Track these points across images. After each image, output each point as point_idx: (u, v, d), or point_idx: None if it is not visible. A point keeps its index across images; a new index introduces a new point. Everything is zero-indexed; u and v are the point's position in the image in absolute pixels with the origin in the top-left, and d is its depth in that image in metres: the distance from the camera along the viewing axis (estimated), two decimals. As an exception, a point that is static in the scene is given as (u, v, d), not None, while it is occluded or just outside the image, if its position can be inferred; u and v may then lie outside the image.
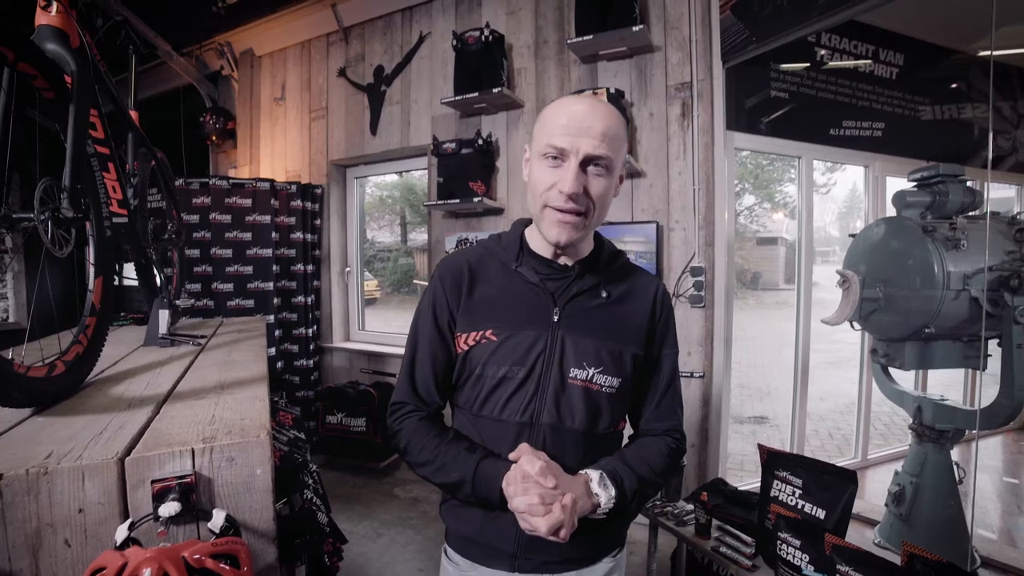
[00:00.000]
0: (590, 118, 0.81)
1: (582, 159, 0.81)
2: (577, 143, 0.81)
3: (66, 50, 0.96)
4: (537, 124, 0.88)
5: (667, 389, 0.97)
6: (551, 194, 0.83)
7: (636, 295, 0.94)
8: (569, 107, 0.83)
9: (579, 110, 0.82)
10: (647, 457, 0.91)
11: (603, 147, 0.81)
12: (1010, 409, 1.91)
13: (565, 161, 0.82)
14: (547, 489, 0.79)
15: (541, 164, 0.85)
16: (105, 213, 1.13)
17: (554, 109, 0.86)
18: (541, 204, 0.85)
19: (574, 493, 0.80)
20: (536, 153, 0.86)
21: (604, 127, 0.81)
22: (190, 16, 3.78)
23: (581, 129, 0.81)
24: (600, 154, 0.81)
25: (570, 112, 0.82)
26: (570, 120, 0.82)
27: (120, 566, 0.55)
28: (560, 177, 0.82)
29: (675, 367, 0.98)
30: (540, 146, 0.85)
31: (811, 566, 1.34)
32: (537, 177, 0.86)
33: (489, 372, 0.89)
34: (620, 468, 0.86)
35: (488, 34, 2.91)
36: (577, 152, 0.81)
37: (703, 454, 2.62)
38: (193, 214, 3.36)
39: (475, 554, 0.94)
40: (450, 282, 0.94)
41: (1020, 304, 1.84)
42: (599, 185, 0.83)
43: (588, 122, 0.81)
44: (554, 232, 0.85)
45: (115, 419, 0.79)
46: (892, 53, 3.21)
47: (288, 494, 1.20)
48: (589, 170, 0.83)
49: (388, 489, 3.20)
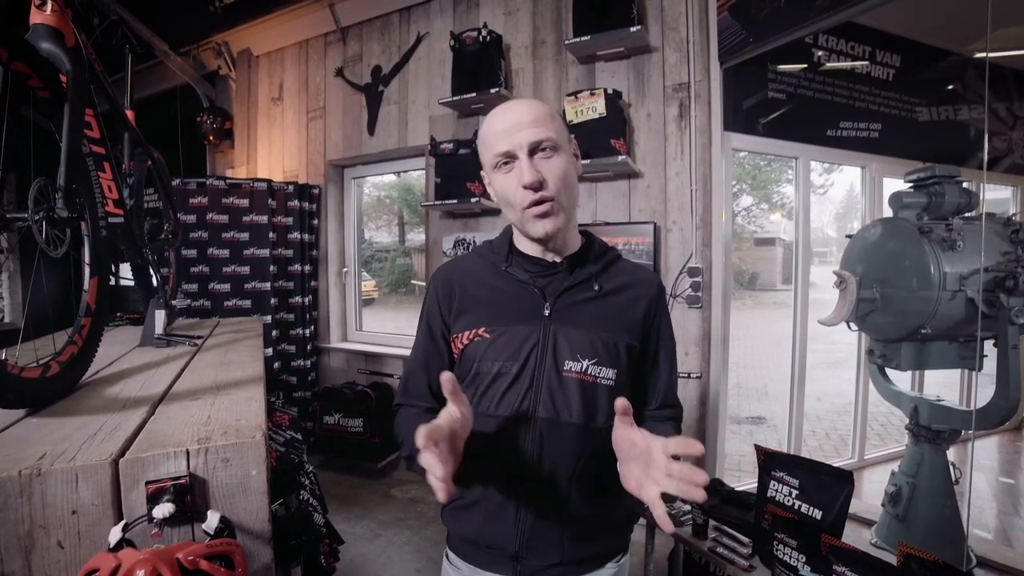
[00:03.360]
0: (517, 114, 0.87)
1: (528, 149, 0.85)
2: (516, 139, 0.86)
3: (61, 49, 0.96)
4: (480, 147, 0.94)
5: (668, 377, 0.99)
6: (519, 195, 0.87)
7: (629, 287, 0.95)
8: (497, 116, 0.89)
9: (506, 114, 0.88)
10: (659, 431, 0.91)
11: (540, 131, 0.86)
12: (1006, 409, 1.92)
13: (515, 160, 0.87)
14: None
15: (498, 175, 0.89)
16: (101, 213, 1.13)
17: (487, 125, 0.91)
18: (518, 208, 0.88)
19: None
20: (490, 169, 0.91)
21: (533, 116, 0.86)
22: (187, 15, 3.76)
23: (514, 127, 0.86)
24: (540, 138, 0.86)
25: (500, 119, 0.88)
26: (502, 125, 0.87)
27: (113, 568, 0.55)
28: (518, 176, 0.86)
29: (673, 355, 1.00)
30: (490, 160, 0.90)
31: (808, 566, 1.34)
32: (501, 188, 0.90)
33: (484, 368, 0.90)
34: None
35: (486, 34, 2.91)
36: (521, 146, 0.85)
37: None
38: (190, 214, 3.35)
39: (476, 557, 0.94)
40: (442, 290, 0.98)
41: (1016, 305, 1.85)
42: (553, 166, 0.87)
43: (517, 118, 0.86)
44: (538, 227, 0.87)
45: (110, 420, 0.78)
46: (889, 54, 3.22)
47: (284, 495, 1.20)
48: (538, 157, 0.86)
49: (385, 490, 3.19)
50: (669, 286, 2.63)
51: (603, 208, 2.83)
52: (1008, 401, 1.90)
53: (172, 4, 3.56)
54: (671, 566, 1.91)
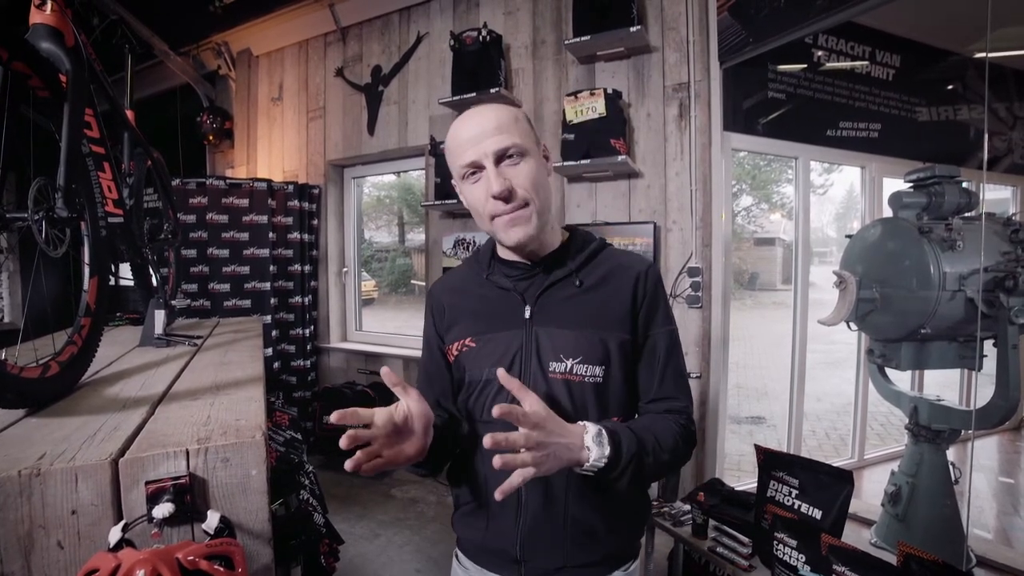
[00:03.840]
0: (479, 122, 0.85)
1: (494, 159, 0.84)
2: (481, 148, 0.84)
3: (61, 49, 0.96)
4: (447, 158, 0.92)
5: (664, 368, 0.92)
6: (489, 205, 0.86)
7: (614, 279, 0.92)
8: (460, 125, 0.87)
9: (469, 123, 0.86)
10: (653, 429, 0.86)
11: (504, 138, 0.84)
12: (1005, 409, 1.92)
13: (482, 170, 0.85)
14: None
15: (467, 185, 0.88)
16: (100, 213, 1.13)
17: (451, 135, 0.89)
18: (488, 218, 0.87)
19: (565, 439, 0.75)
20: (458, 179, 0.90)
21: (495, 123, 0.84)
22: (187, 15, 3.76)
23: (477, 136, 0.84)
24: (505, 145, 0.84)
25: (463, 128, 0.86)
26: (466, 134, 0.85)
27: (113, 568, 0.54)
28: (486, 185, 0.85)
29: (671, 346, 0.93)
30: (457, 171, 0.88)
31: (807, 566, 1.34)
32: (470, 198, 0.89)
33: (473, 377, 0.92)
34: (622, 430, 0.81)
35: (486, 34, 2.91)
36: (486, 155, 0.84)
37: (700, 454, 2.62)
38: (190, 214, 3.35)
39: (483, 559, 0.95)
40: (435, 305, 1.01)
41: (1015, 305, 1.85)
42: (522, 172, 0.85)
43: (480, 126, 0.85)
44: (510, 235, 0.86)
45: (109, 420, 0.78)
46: (889, 55, 3.22)
47: (284, 495, 1.20)
48: (504, 164, 0.85)
49: (385, 490, 3.19)
50: (669, 286, 2.63)
51: (603, 208, 2.83)
52: (1008, 401, 1.91)
53: (172, 4, 3.56)
54: (671, 566, 1.91)
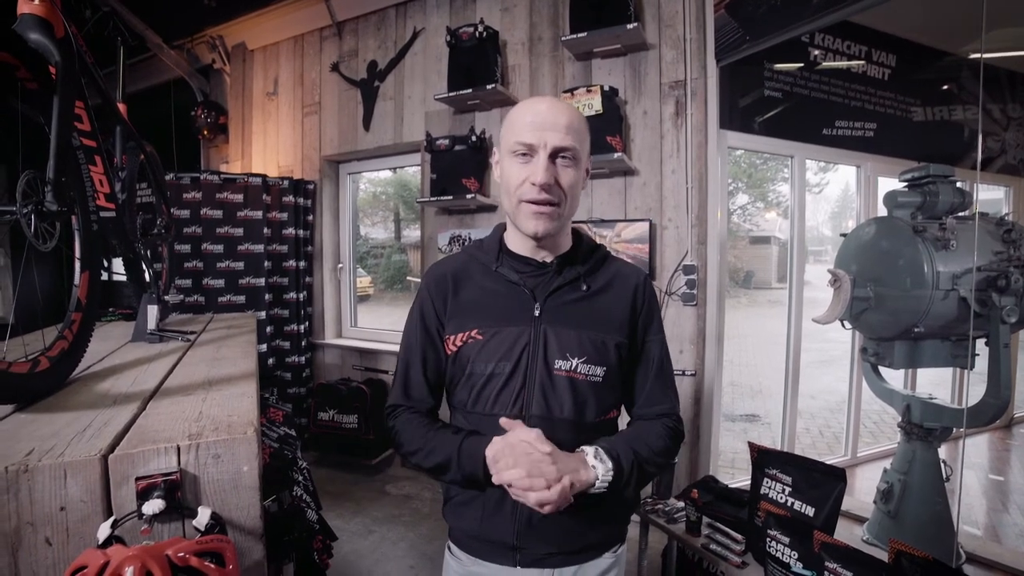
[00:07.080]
0: (554, 114, 0.86)
1: (550, 152, 0.85)
2: (544, 137, 0.85)
3: (50, 40, 0.94)
4: (504, 126, 0.92)
5: (657, 374, 0.98)
6: (524, 188, 0.87)
7: (617, 286, 0.97)
8: (533, 106, 0.89)
9: (543, 108, 0.87)
10: (643, 436, 0.92)
11: (568, 139, 0.86)
12: (996, 408, 1.93)
13: (534, 155, 0.86)
14: (541, 454, 0.80)
15: (512, 161, 0.89)
16: (92, 207, 1.12)
17: (520, 109, 0.90)
18: (516, 200, 0.89)
19: (571, 467, 0.82)
20: (506, 152, 0.90)
21: (567, 121, 0.86)
22: (181, 8, 3.73)
23: (546, 124, 0.85)
24: (566, 145, 0.86)
25: (535, 110, 0.87)
26: (535, 117, 0.86)
27: (102, 565, 0.54)
28: (531, 171, 0.86)
29: (663, 353, 1.00)
30: (509, 144, 0.89)
31: (800, 563, 1.35)
32: (509, 174, 0.90)
33: (478, 369, 0.92)
34: (616, 443, 0.88)
35: (482, 30, 2.90)
36: (545, 145, 0.85)
37: (694, 452, 2.63)
38: (184, 209, 3.32)
39: (477, 549, 0.96)
40: (436, 288, 0.98)
41: (1007, 304, 1.86)
42: (568, 175, 0.88)
43: (552, 117, 0.86)
44: (531, 224, 0.88)
45: (100, 416, 0.78)
46: (885, 54, 3.23)
47: (277, 491, 1.19)
48: (557, 162, 0.87)
49: (379, 486, 3.19)
50: (664, 283, 2.63)
51: (599, 205, 2.83)
52: (998, 399, 1.92)
53: (166, -4, 3.53)
54: (664, 563, 1.91)
